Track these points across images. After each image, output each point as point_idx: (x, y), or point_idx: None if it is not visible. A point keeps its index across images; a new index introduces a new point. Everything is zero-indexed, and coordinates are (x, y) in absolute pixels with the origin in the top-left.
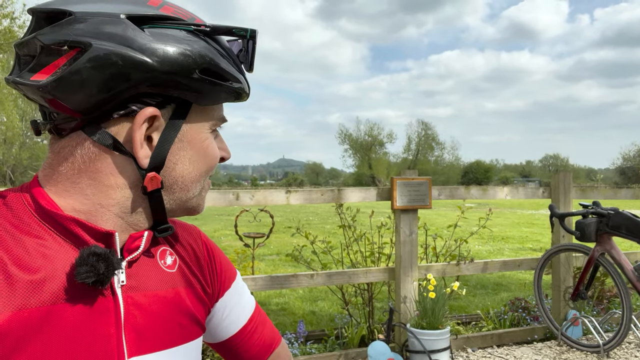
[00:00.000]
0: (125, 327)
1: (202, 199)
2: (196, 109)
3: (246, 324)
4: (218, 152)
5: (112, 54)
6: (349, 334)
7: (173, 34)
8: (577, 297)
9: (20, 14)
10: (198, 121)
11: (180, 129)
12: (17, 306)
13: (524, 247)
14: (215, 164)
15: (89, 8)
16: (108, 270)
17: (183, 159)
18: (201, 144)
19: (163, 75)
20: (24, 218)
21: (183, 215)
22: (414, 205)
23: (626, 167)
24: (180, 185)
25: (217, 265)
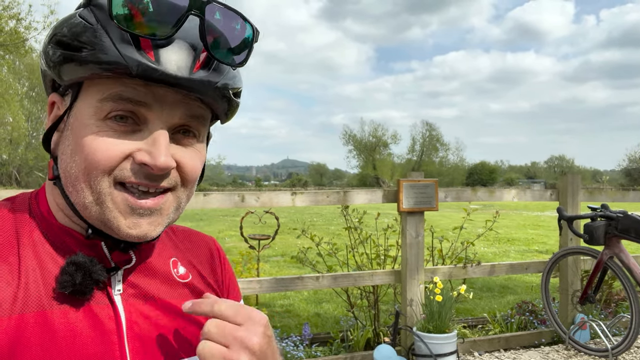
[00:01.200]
0: (129, 335)
1: (109, 211)
2: (83, 94)
3: None
4: (109, 146)
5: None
6: (355, 336)
7: (71, 13)
8: (585, 301)
9: (26, 15)
10: (81, 107)
11: (68, 115)
12: (17, 311)
13: (530, 249)
14: (97, 161)
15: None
16: (85, 281)
17: (66, 150)
18: (77, 133)
19: (44, 56)
20: (26, 224)
21: (110, 233)
22: (420, 208)
23: (632, 169)
24: (70, 183)
25: (227, 279)
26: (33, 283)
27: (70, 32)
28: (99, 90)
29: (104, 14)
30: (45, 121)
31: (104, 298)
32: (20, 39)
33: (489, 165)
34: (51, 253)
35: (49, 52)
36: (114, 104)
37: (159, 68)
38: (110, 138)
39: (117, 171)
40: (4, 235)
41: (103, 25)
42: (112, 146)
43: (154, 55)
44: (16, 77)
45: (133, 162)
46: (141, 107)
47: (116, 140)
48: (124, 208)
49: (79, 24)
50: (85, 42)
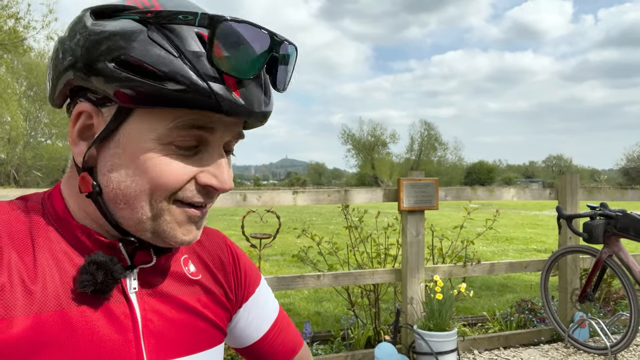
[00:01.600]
0: (144, 332)
1: (167, 225)
2: (141, 114)
3: (270, 328)
4: (176, 171)
5: (57, 47)
6: (355, 335)
7: (114, 24)
8: (584, 299)
9: (25, 15)
10: (140, 128)
11: (116, 132)
12: (34, 310)
13: (529, 248)
14: (165, 185)
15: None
16: (106, 280)
17: (118, 168)
18: (140, 155)
19: (86, 66)
20: (41, 224)
21: (158, 242)
22: (420, 207)
23: (630, 168)
24: (122, 200)
25: (242, 272)
26: (50, 282)
27: (145, 56)
28: (169, 117)
29: (183, 45)
30: (44, 120)
31: (120, 296)
32: (19, 38)
33: (487, 164)
34: (68, 252)
35: (109, 71)
36: (184, 131)
37: (246, 106)
38: (176, 162)
39: (179, 192)
40: (19, 235)
41: (188, 59)
42: (179, 170)
43: (240, 93)
44: (14, 76)
45: (196, 184)
46: (207, 132)
47: (181, 164)
48: (182, 219)
49: (155, 50)
50: (169, 75)
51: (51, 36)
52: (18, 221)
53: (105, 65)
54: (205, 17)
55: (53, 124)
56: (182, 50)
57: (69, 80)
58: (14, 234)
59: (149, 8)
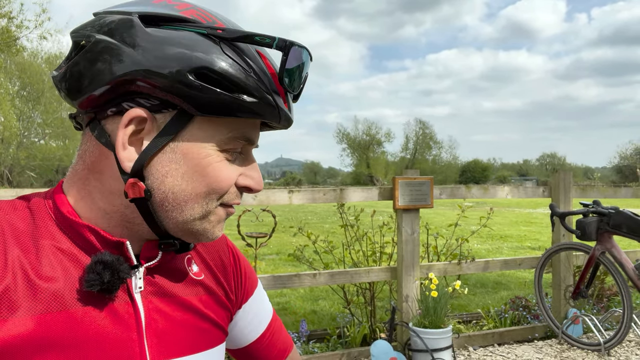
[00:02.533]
0: (147, 332)
1: (209, 224)
2: (201, 122)
3: (265, 330)
4: (229, 175)
5: (105, 47)
6: (351, 333)
7: (180, 34)
8: (577, 296)
9: (18, 14)
10: (200, 135)
11: (174, 138)
12: (39, 310)
13: (523, 246)
14: (221, 188)
15: (118, 8)
16: (113, 279)
17: (174, 173)
18: (199, 160)
19: (150, 72)
20: (44, 224)
21: (190, 240)
22: (415, 205)
23: (623, 166)
24: (171, 202)
25: (242, 273)
26: (55, 282)
27: (223, 70)
28: (227, 127)
29: (249, 59)
30: (37, 120)
31: (125, 295)
32: (12, 38)
33: (481, 163)
34: (73, 252)
35: (184, 80)
36: (238, 142)
37: (290, 114)
38: (227, 168)
39: (225, 195)
40: (23, 235)
41: (257, 72)
42: (230, 175)
43: (287, 105)
44: (7, 76)
45: (234, 186)
46: (249, 142)
47: (230, 168)
48: (221, 218)
49: (230, 64)
50: (243, 88)
51: (44, 36)
52: (22, 221)
53: (184, 75)
54: (282, 41)
55: (46, 124)
56: (252, 66)
57: (123, 83)
58: (18, 234)
59: (212, 24)
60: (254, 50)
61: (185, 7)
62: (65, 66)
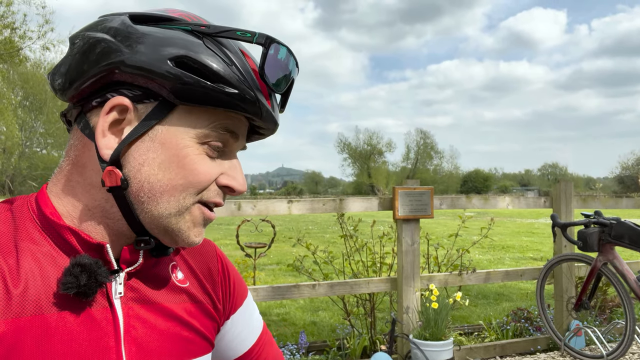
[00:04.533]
0: (125, 339)
1: (185, 224)
2: (181, 112)
3: (255, 342)
4: (207, 170)
5: (93, 41)
6: (351, 344)
7: (165, 30)
8: (579, 307)
9: (21, 25)
10: (180, 125)
11: (154, 127)
12: (13, 314)
13: (525, 257)
14: (198, 182)
15: (119, 12)
16: (90, 282)
17: (151, 162)
18: (177, 150)
19: (132, 61)
20: (25, 226)
21: (166, 240)
22: (415, 215)
23: (625, 176)
24: (147, 193)
25: (231, 283)
26: (32, 286)
27: (204, 60)
28: (207, 118)
29: (231, 53)
30: (39, 130)
31: (104, 301)
32: (15, 49)
33: (483, 172)
34: (52, 255)
35: (165, 68)
36: (219, 135)
37: (274, 115)
38: (207, 162)
39: (204, 192)
40: (3, 237)
41: (239, 66)
42: (209, 170)
43: (270, 103)
44: (10, 86)
45: (215, 185)
46: (233, 138)
47: (211, 164)
48: (199, 220)
49: (212, 56)
50: (224, 79)
51: (47, 46)
52: (3, 223)
53: (166, 64)
54: (263, 36)
55: (48, 134)
56: (233, 61)
57: (107, 74)
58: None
59: (197, 22)
60: (238, 48)
61: (176, 11)
62: (59, 62)
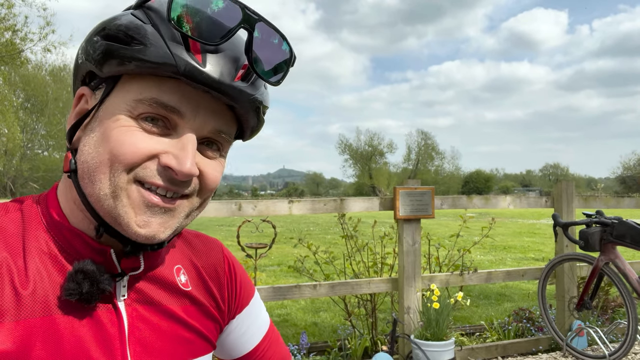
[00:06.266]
0: (130, 340)
1: (122, 206)
2: (118, 88)
3: (261, 341)
4: (134, 141)
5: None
6: (352, 345)
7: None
8: (581, 307)
9: (22, 27)
10: (115, 100)
11: (98, 107)
12: (23, 316)
13: (526, 257)
14: (122, 154)
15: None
16: (92, 290)
17: (90, 141)
18: (109, 124)
19: (82, 50)
20: (34, 227)
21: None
22: (417, 215)
23: (626, 176)
24: (87, 173)
25: (238, 283)
26: (40, 287)
27: (122, 27)
28: (137, 89)
29: (157, 15)
30: (41, 132)
31: (108, 303)
32: (16, 51)
33: (484, 173)
34: (57, 257)
35: (94, 44)
36: (149, 106)
37: (204, 70)
38: (139, 135)
39: (139, 169)
40: (12, 238)
41: (155, 25)
42: (140, 142)
43: (201, 59)
44: (11, 88)
45: (158, 164)
46: (174, 114)
47: (145, 138)
48: (138, 204)
49: (131, 21)
50: (136, 38)
51: (48, 48)
52: (12, 223)
53: (92, 40)
54: None
55: (50, 136)
56: (154, 21)
57: (76, 73)
58: (7, 237)
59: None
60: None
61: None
62: None
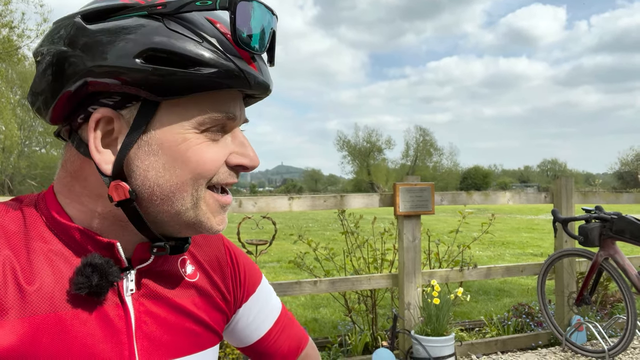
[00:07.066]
0: (137, 334)
1: (203, 213)
2: (167, 107)
3: (272, 326)
4: (213, 156)
5: (55, 56)
6: (353, 341)
7: (121, 23)
8: (581, 303)
9: (19, 23)
10: (171, 120)
11: (145, 130)
12: (29, 312)
13: (525, 253)
14: (207, 171)
15: (71, 13)
16: (102, 282)
17: (155, 165)
18: (177, 147)
19: (100, 69)
20: (36, 226)
21: (190, 233)
22: (417, 211)
23: (624, 172)
24: (159, 196)
25: (241, 272)
26: (45, 284)
27: (171, 46)
28: (196, 107)
29: (198, 28)
30: (38, 129)
31: (115, 298)
32: (13, 47)
33: (482, 169)
34: (64, 254)
35: (133, 67)
36: (213, 118)
37: (265, 80)
38: (212, 148)
39: (214, 177)
40: (14, 236)
41: (210, 40)
42: (215, 156)
43: (256, 67)
44: (8, 85)
45: (227, 166)
46: (230, 120)
47: (216, 149)
48: (216, 208)
49: (178, 39)
50: (198, 60)
51: None
52: (14, 223)
53: (131, 61)
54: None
55: (47, 133)
56: (202, 36)
57: (79, 88)
58: (9, 236)
59: (152, 3)
60: (204, 18)
61: None
62: (31, 86)
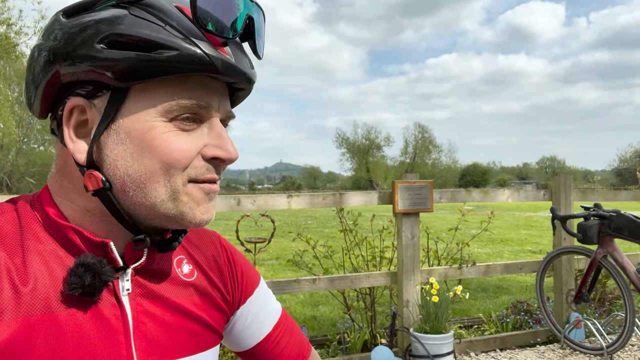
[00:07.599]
0: (135, 335)
1: (185, 206)
2: (136, 94)
3: (271, 331)
4: (181, 146)
5: (37, 51)
6: (352, 339)
7: (92, 14)
8: (579, 300)
9: (17, 20)
10: (138, 108)
11: (114, 119)
12: (23, 313)
13: (524, 250)
14: (175, 161)
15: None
16: (94, 282)
17: (123, 154)
18: (143, 135)
19: (68, 58)
20: (31, 226)
21: (174, 225)
22: (415, 209)
23: (623, 169)
24: (131, 186)
25: (239, 272)
26: (40, 284)
27: (132, 31)
28: (164, 94)
29: (163, 14)
30: (36, 127)
31: (111, 298)
32: (11, 45)
33: (481, 166)
34: (58, 254)
35: (95, 52)
36: (184, 108)
37: (237, 65)
38: (181, 137)
39: (190, 170)
40: (9, 237)
41: (172, 25)
42: (186, 145)
43: (228, 53)
44: (6, 82)
45: (202, 159)
46: (203, 109)
47: (186, 139)
48: (200, 197)
49: (141, 24)
50: (159, 43)
51: None
52: (8, 223)
53: (94, 47)
54: None
55: (46, 130)
56: (166, 21)
57: (53, 79)
58: (4, 236)
59: None
60: (172, 5)
61: None
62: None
